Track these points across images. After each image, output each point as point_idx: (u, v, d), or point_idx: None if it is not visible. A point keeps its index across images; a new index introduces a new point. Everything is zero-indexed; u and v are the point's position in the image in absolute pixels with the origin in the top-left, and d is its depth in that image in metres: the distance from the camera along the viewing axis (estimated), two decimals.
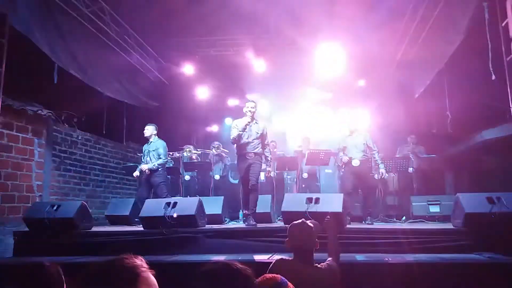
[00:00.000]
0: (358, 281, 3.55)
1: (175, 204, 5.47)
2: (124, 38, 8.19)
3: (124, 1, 7.33)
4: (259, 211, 5.97)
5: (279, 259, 2.71)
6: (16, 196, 6.39)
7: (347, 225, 5.31)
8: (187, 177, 8.43)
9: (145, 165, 6.86)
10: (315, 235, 2.74)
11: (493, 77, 5.27)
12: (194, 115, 10.12)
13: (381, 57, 8.71)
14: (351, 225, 5.61)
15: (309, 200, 5.16)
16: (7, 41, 5.34)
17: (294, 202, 5.37)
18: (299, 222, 2.81)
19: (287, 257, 2.77)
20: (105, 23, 7.51)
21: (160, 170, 6.88)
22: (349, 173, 6.47)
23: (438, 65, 7.22)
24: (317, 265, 2.70)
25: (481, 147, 6.80)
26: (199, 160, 8.68)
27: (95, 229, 5.92)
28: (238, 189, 7.63)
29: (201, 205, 5.65)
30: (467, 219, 4.58)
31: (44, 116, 6.92)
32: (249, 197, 5.74)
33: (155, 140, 7.04)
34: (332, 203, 5.04)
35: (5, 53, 5.31)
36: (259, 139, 5.85)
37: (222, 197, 6.92)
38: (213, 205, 6.52)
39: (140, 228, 5.75)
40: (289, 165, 7.74)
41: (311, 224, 2.78)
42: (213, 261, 1.54)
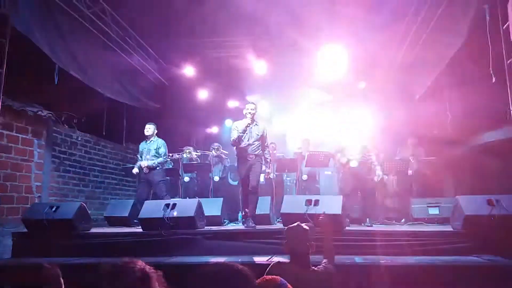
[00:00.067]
0: (357, 283, 3.54)
1: (174, 205, 5.47)
2: (124, 39, 8.20)
3: (125, 2, 7.33)
4: (258, 212, 5.98)
5: (276, 262, 2.71)
6: (15, 197, 6.39)
7: (346, 227, 5.30)
8: (186, 179, 8.43)
9: (145, 162, 6.86)
10: (311, 238, 2.74)
11: (494, 79, 5.27)
12: (194, 117, 10.11)
13: (382, 59, 8.71)
14: (350, 227, 5.58)
15: (309, 202, 5.16)
16: (8, 41, 5.35)
17: (293, 204, 5.37)
18: (294, 225, 2.82)
19: (284, 260, 2.76)
20: (106, 24, 7.52)
21: (159, 168, 6.89)
22: (347, 175, 6.45)
23: (438, 67, 7.22)
24: (313, 268, 2.69)
25: (481, 150, 6.79)
26: (198, 161, 8.68)
27: (94, 230, 5.91)
28: (237, 191, 7.63)
29: (200, 207, 5.64)
30: (467, 221, 4.57)
31: (44, 117, 6.92)
32: (249, 199, 5.74)
33: (155, 139, 7.06)
34: (331, 205, 5.03)
35: (6, 53, 5.31)
36: (259, 141, 5.86)
37: (221, 199, 6.90)
38: (212, 207, 6.51)
39: (139, 229, 5.75)
40: (289, 167, 7.73)
41: (306, 227, 2.78)
42: (214, 262, 1.54)
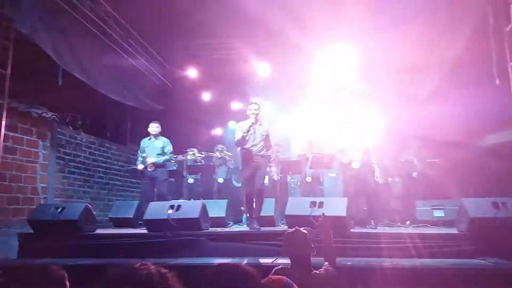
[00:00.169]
0: (362, 285, 3.53)
1: (179, 207, 5.50)
2: (128, 41, 8.23)
3: (128, 4, 7.37)
4: (262, 214, 5.97)
5: (278, 268, 2.70)
6: (20, 198, 6.41)
7: (351, 229, 5.29)
8: (190, 180, 8.43)
9: (151, 158, 6.85)
10: (310, 241, 2.73)
11: (497, 81, 5.26)
12: (197, 118, 10.14)
13: (385, 61, 8.69)
14: (355, 229, 5.58)
15: (313, 204, 5.15)
16: (12, 43, 5.38)
17: (298, 206, 5.36)
18: (292, 230, 2.82)
19: (285, 263, 2.76)
20: (110, 26, 7.55)
21: (163, 167, 6.90)
22: (349, 176, 6.40)
23: (442, 69, 7.20)
24: (315, 272, 2.69)
25: (485, 152, 6.77)
26: (202, 163, 8.68)
27: (99, 231, 5.94)
28: (241, 193, 7.62)
29: (204, 208, 5.65)
30: (472, 224, 4.56)
31: (48, 118, 6.96)
32: (254, 201, 5.72)
33: (160, 138, 7.08)
34: (336, 207, 5.03)
35: (10, 55, 5.35)
36: (264, 141, 5.84)
37: (225, 201, 6.92)
38: (217, 208, 6.53)
39: (144, 230, 5.76)
40: (293, 169, 7.72)
41: (305, 231, 2.78)
42: (220, 262, 1.55)
